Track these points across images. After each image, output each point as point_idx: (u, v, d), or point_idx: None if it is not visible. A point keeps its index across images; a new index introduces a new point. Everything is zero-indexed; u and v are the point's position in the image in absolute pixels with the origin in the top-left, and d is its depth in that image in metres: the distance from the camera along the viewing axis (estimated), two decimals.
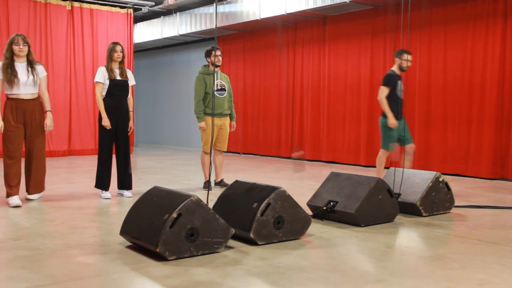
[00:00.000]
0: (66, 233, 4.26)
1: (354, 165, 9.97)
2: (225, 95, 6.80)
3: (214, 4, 10.31)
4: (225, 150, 7.03)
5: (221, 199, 4.32)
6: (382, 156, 6.70)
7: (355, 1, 9.08)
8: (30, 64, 5.53)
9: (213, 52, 6.55)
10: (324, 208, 4.77)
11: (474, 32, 8.32)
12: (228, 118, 6.93)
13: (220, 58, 6.74)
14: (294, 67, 11.40)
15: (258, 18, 10.86)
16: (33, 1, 11.17)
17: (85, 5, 11.86)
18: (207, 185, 6.64)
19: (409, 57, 6.60)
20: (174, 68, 15.26)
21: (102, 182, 6.04)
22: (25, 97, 5.46)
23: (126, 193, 6.16)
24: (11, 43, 5.44)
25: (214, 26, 12.12)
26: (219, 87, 6.78)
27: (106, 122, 5.88)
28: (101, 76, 5.97)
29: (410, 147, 6.66)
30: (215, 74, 6.71)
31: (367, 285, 3.04)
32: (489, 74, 8.12)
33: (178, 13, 12.87)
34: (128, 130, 6.16)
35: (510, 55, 7.91)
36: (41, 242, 3.95)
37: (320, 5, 9.52)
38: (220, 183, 6.91)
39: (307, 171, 9.18)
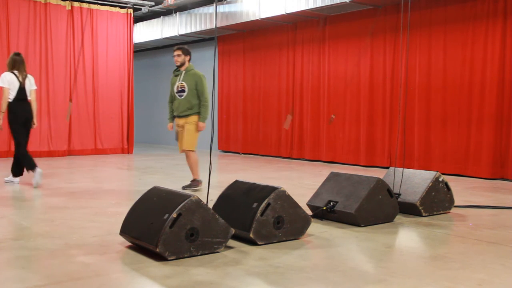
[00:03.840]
0: (66, 233, 4.26)
1: (354, 165, 9.97)
2: (183, 96, 6.63)
3: (214, 4, 10.29)
4: (182, 150, 6.74)
5: (221, 199, 4.31)
6: None
7: (355, 1, 9.08)
8: None
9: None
10: (324, 208, 4.77)
11: (474, 32, 8.32)
12: (185, 119, 6.66)
13: (177, 58, 6.65)
14: (294, 67, 11.41)
15: (258, 18, 10.87)
16: (33, 1, 11.17)
17: (85, 5, 11.87)
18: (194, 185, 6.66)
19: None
20: (174, 68, 15.24)
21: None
22: None
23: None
24: None
25: (214, 26, 12.12)
26: (179, 89, 6.67)
27: None
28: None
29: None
30: (179, 74, 6.67)
31: (367, 285, 3.04)
32: (489, 74, 8.12)
33: (178, 13, 12.88)
34: None
35: (510, 55, 7.91)
36: (41, 242, 3.95)
37: (320, 5, 9.52)
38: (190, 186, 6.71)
39: (307, 171, 9.18)
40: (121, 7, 12.43)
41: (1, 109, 6.86)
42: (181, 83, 6.65)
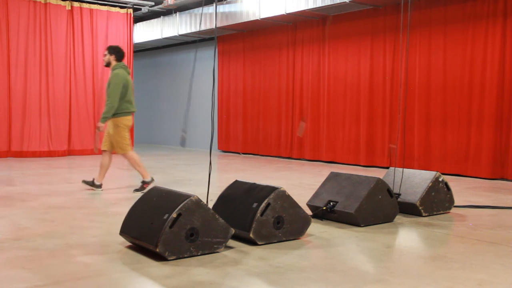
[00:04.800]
0: (66, 233, 4.26)
1: (354, 165, 9.97)
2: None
3: (214, 4, 10.29)
4: (102, 150, 6.58)
5: (221, 199, 4.32)
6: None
7: (355, 1, 9.08)
8: None
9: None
10: (324, 208, 4.77)
11: (474, 32, 8.32)
12: (110, 120, 6.48)
13: (103, 57, 6.62)
14: (294, 67, 11.40)
15: (258, 18, 10.87)
16: (33, 1, 11.17)
17: (84, 5, 11.87)
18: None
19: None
20: (174, 68, 15.27)
21: None
22: None
23: None
24: None
25: (214, 26, 12.11)
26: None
27: None
28: None
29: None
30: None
31: (367, 285, 3.04)
32: (489, 74, 8.12)
33: (178, 13, 12.87)
34: None
35: (510, 55, 7.91)
36: (41, 242, 3.95)
37: (320, 5, 9.52)
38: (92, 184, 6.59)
39: (307, 171, 9.18)
40: (121, 7, 12.43)
41: None
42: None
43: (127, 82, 6.48)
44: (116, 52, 6.58)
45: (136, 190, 6.50)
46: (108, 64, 6.59)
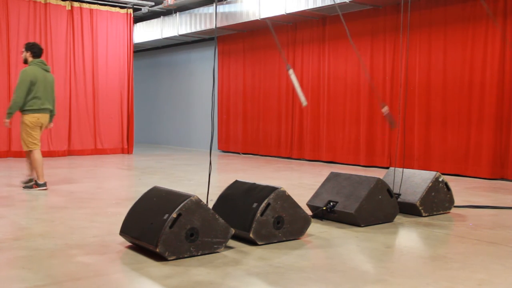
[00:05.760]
0: (66, 233, 4.26)
1: (354, 165, 9.97)
2: None
3: (214, 4, 10.29)
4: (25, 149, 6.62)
5: (221, 199, 4.32)
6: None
7: (355, 1, 9.08)
8: None
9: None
10: (324, 208, 4.77)
11: (474, 32, 8.32)
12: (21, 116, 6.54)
13: (21, 55, 6.66)
14: (294, 67, 11.39)
15: (258, 18, 10.86)
16: (33, 1, 11.17)
17: (85, 5, 11.86)
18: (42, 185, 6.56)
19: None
20: (174, 68, 15.27)
21: None
22: None
23: None
24: None
25: (214, 26, 12.11)
26: None
27: None
28: None
29: None
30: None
31: (367, 285, 3.04)
32: (489, 74, 8.13)
33: (178, 13, 12.88)
34: None
35: (510, 55, 7.91)
36: (41, 242, 3.95)
37: (320, 5, 9.52)
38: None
39: (307, 171, 9.18)
40: (121, 7, 12.43)
41: None
42: None
43: (36, 78, 6.43)
44: (31, 48, 6.60)
45: (25, 184, 6.56)
46: (25, 61, 6.62)
